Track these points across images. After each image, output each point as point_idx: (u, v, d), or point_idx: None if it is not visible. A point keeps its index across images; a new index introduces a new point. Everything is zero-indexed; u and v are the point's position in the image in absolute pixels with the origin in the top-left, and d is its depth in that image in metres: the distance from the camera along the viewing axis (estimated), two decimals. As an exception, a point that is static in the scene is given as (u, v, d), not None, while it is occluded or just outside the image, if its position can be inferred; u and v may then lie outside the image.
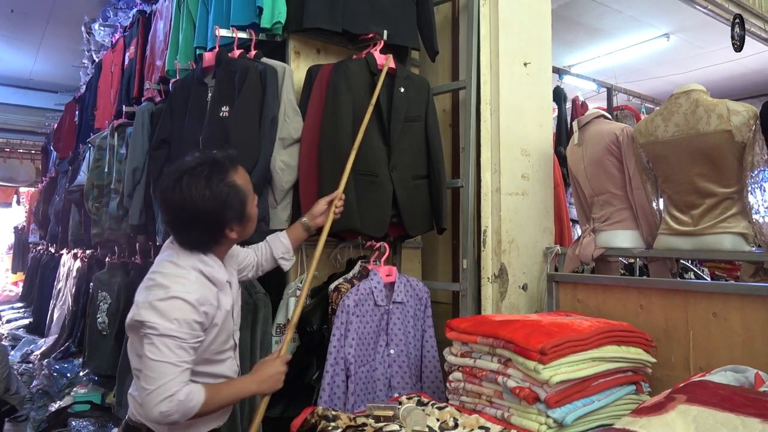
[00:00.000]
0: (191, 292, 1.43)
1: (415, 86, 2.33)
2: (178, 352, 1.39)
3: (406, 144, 2.26)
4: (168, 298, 1.40)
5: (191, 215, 1.46)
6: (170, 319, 1.38)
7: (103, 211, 3.39)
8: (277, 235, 1.91)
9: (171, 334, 1.38)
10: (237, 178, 1.52)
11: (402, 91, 2.24)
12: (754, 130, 1.86)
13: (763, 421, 1.21)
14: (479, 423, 1.61)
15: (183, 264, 1.48)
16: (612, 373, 1.69)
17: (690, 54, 6.36)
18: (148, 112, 2.86)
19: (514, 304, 2.34)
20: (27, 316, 6.65)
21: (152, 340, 1.37)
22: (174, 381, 1.37)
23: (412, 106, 2.28)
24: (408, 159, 2.26)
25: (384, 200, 2.17)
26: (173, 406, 1.36)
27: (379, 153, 2.18)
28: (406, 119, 2.25)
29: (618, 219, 2.27)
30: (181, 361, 1.39)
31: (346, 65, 2.17)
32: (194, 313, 1.42)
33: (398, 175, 2.21)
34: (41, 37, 6.35)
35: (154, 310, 1.39)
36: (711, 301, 1.84)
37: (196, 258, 1.50)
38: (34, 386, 4.35)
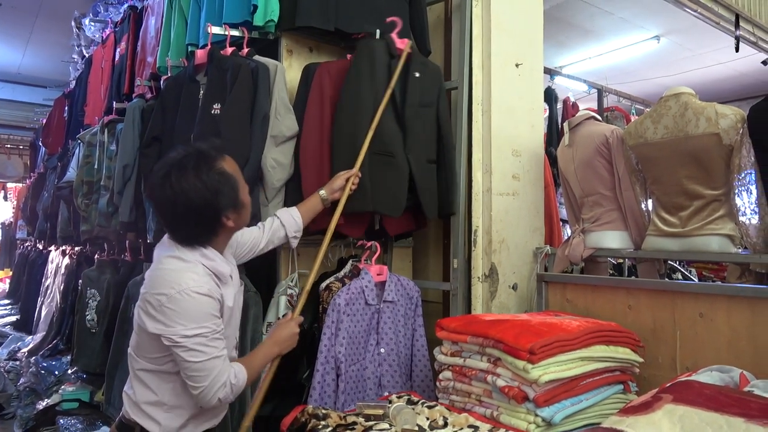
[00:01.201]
0: (203, 284, 1.42)
1: (429, 72, 2.33)
2: (214, 344, 1.43)
3: (420, 128, 2.26)
4: (182, 297, 1.38)
5: (185, 208, 1.44)
6: (191, 317, 1.39)
7: (93, 208, 3.36)
8: (288, 212, 1.91)
9: (199, 333, 1.40)
10: (226, 166, 1.50)
11: (417, 76, 2.25)
12: (741, 133, 1.89)
13: (747, 420, 1.23)
14: (468, 422, 1.62)
15: (187, 258, 1.46)
16: (600, 372, 1.71)
17: (680, 56, 6.42)
18: (138, 108, 2.84)
19: (504, 304, 2.36)
20: (14, 313, 6.59)
21: (186, 345, 1.39)
22: (221, 371, 1.44)
23: (425, 92, 2.29)
24: (422, 142, 2.27)
25: (401, 180, 2.18)
26: (228, 390, 1.46)
27: (395, 134, 2.19)
28: (420, 104, 2.26)
29: (607, 220, 2.29)
30: (219, 351, 1.44)
31: (371, 46, 2.19)
32: (212, 303, 1.44)
33: (414, 156, 2.22)
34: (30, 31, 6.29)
35: (169, 313, 1.38)
36: (698, 301, 1.87)
37: (198, 253, 1.49)
38: (21, 384, 4.31)
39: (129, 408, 1.52)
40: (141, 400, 1.50)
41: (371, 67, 2.15)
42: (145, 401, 1.49)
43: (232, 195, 1.49)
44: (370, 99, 2.13)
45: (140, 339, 1.49)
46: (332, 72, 2.20)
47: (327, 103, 2.16)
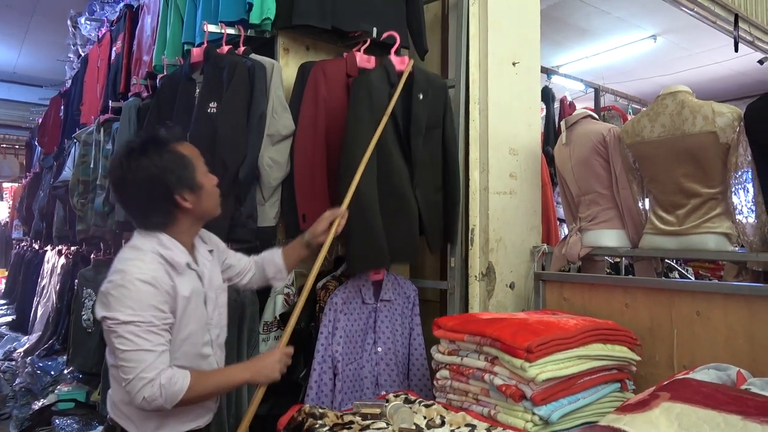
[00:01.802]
0: (146, 272, 1.37)
1: (434, 90, 2.20)
2: (148, 336, 1.34)
3: (427, 157, 2.16)
4: (124, 284, 1.35)
5: (137, 188, 1.43)
6: (128, 305, 1.33)
7: (89, 207, 3.35)
8: (272, 254, 1.84)
9: (133, 320, 1.33)
10: (181, 148, 1.49)
11: (421, 98, 2.10)
12: (738, 132, 1.89)
13: (744, 418, 1.23)
14: (466, 420, 1.62)
15: (141, 246, 1.44)
16: (597, 371, 1.71)
17: (676, 55, 6.44)
18: (135, 107, 2.83)
19: (501, 303, 2.36)
20: (10, 313, 6.57)
21: (117, 331, 1.33)
22: (152, 365, 1.33)
23: (431, 113, 2.15)
24: (429, 173, 2.17)
25: (413, 224, 2.10)
26: (155, 390, 1.33)
27: (403, 171, 2.07)
28: (427, 127, 2.12)
29: (604, 218, 2.29)
30: (154, 345, 1.35)
31: (369, 79, 2.06)
32: (156, 293, 1.37)
33: (421, 192, 2.13)
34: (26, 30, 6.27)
35: (111, 300, 1.34)
36: (695, 300, 1.87)
37: (155, 241, 1.45)
38: (17, 384, 4.30)
39: (110, 408, 1.50)
40: (117, 399, 1.47)
41: (369, 102, 2.03)
42: (120, 399, 1.45)
43: (185, 174, 1.46)
44: (369, 137, 1.98)
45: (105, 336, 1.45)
46: (327, 71, 2.19)
47: (321, 103, 2.15)
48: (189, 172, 1.47)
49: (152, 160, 1.42)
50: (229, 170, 2.04)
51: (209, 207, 1.55)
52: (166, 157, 1.44)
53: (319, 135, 2.15)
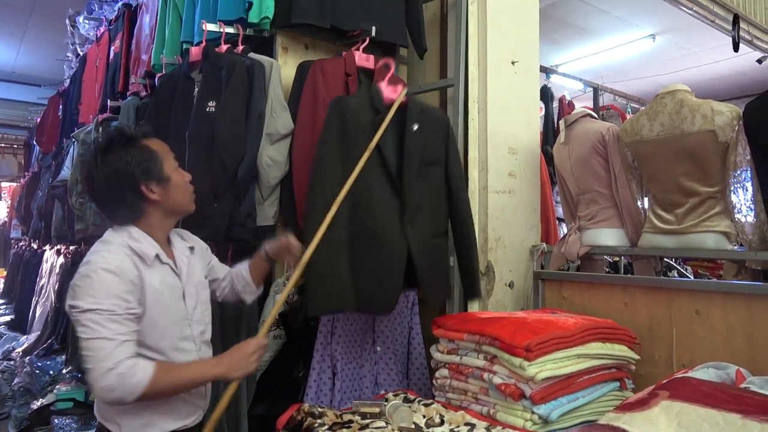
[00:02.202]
0: (110, 261, 1.36)
1: (432, 122, 1.96)
2: (109, 324, 1.31)
3: (425, 194, 1.89)
4: (88, 273, 1.34)
5: (105, 182, 1.44)
6: (90, 293, 1.32)
7: (87, 207, 3.35)
8: (239, 268, 1.81)
9: (94, 308, 1.31)
10: (148, 143, 1.50)
11: (415, 130, 1.87)
12: (737, 131, 1.89)
13: (744, 416, 1.23)
14: (465, 419, 1.62)
15: (110, 239, 1.44)
16: (596, 369, 1.71)
17: (675, 55, 6.44)
18: (133, 106, 2.83)
19: (500, 302, 2.36)
20: (8, 312, 6.56)
21: (79, 319, 1.31)
22: (112, 354, 1.29)
23: (428, 148, 1.91)
24: (426, 214, 1.90)
25: (394, 266, 1.83)
26: (113, 380, 1.28)
27: (389, 208, 1.83)
28: (423, 162, 1.89)
29: (603, 217, 2.29)
30: (115, 334, 1.31)
31: (345, 103, 1.85)
32: (120, 282, 1.35)
33: (416, 230, 1.85)
34: (24, 29, 6.26)
35: (76, 290, 1.34)
36: (694, 298, 1.87)
37: (126, 234, 1.46)
38: (15, 384, 4.29)
39: (96, 411, 1.49)
40: (98, 399, 1.45)
41: (341, 132, 1.82)
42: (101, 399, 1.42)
43: (151, 167, 1.47)
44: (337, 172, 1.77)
45: None
46: (326, 70, 2.19)
47: (320, 102, 2.15)
48: (156, 165, 1.48)
49: (119, 154, 1.44)
50: (228, 169, 2.04)
51: (179, 201, 1.54)
52: (132, 151, 1.45)
53: (318, 134, 2.14)
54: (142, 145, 1.48)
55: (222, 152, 2.03)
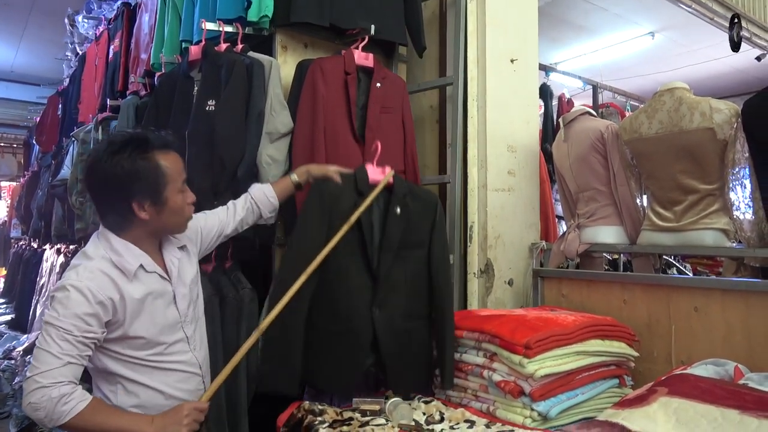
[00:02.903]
0: (82, 280, 1.33)
1: (418, 205, 1.90)
2: (61, 343, 1.29)
3: (402, 277, 1.84)
4: (63, 286, 1.34)
5: (102, 182, 1.39)
6: (56, 308, 1.31)
7: (87, 206, 3.35)
8: (262, 189, 1.80)
9: (53, 323, 1.30)
10: (161, 159, 1.41)
11: (398, 212, 1.83)
12: (735, 128, 1.89)
13: (742, 412, 1.24)
14: (465, 416, 1.63)
15: (91, 253, 1.41)
16: (595, 366, 1.71)
17: (675, 52, 6.43)
18: (133, 105, 2.83)
19: (499, 299, 2.36)
20: (9, 312, 6.56)
21: (42, 327, 1.32)
22: (50, 372, 1.27)
23: (412, 230, 1.86)
24: (400, 295, 1.83)
25: (357, 351, 1.77)
26: (42, 401, 1.25)
27: (361, 290, 1.78)
28: (402, 246, 1.84)
29: (602, 215, 2.30)
30: (63, 353, 1.29)
31: (326, 186, 1.81)
32: (84, 304, 1.32)
33: (383, 315, 1.78)
34: (23, 28, 6.25)
35: (50, 299, 1.35)
36: (693, 296, 1.87)
37: (108, 246, 1.41)
38: (16, 383, 4.30)
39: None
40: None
41: (320, 216, 1.78)
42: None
43: (151, 187, 1.39)
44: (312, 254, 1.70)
45: None
46: (325, 68, 2.19)
47: (320, 100, 2.15)
48: (157, 184, 1.40)
49: (125, 160, 1.37)
50: (228, 168, 2.04)
51: (171, 224, 1.48)
52: (140, 163, 1.38)
53: (318, 132, 2.15)
54: (153, 159, 1.40)
55: (221, 151, 2.03)
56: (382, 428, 1.53)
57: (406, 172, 2.35)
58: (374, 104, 2.24)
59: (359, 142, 2.24)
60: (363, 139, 2.24)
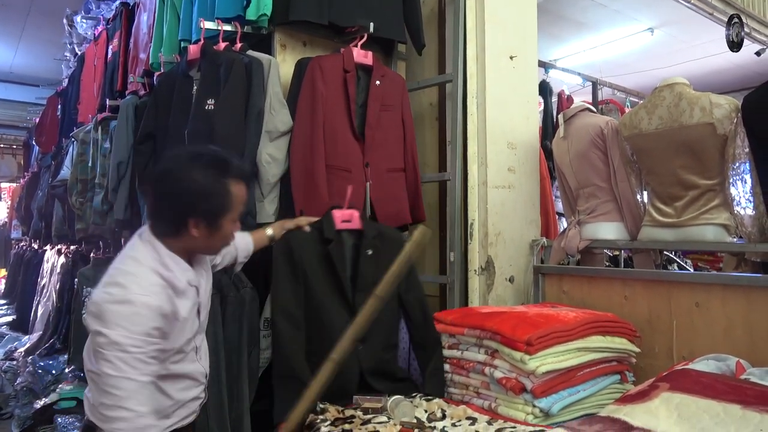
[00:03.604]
0: (148, 293, 1.32)
1: (388, 244, 1.99)
2: (136, 364, 1.27)
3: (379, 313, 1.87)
4: (123, 300, 1.29)
5: (170, 189, 1.39)
6: (123, 325, 1.27)
7: (88, 206, 3.35)
8: (245, 240, 1.82)
9: (123, 342, 1.26)
10: (233, 187, 1.43)
11: (369, 254, 1.94)
12: (735, 123, 1.89)
13: (744, 407, 1.24)
14: (466, 414, 1.63)
15: (142, 260, 1.39)
16: (597, 363, 1.71)
17: (674, 48, 6.42)
18: (132, 105, 2.82)
19: (500, 296, 2.36)
20: (10, 313, 6.56)
21: (104, 352, 1.25)
22: (133, 396, 1.27)
23: (382, 269, 1.89)
24: (380, 329, 1.91)
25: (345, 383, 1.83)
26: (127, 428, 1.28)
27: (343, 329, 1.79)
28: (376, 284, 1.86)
29: (603, 211, 2.30)
30: (141, 375, 1.28)
31: (295, 234, 1.90)
32: (153, 318, 1.31)
33: (366, 350, 1.88)
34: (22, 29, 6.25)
35: (107, 314, 1.27)
36: (694, 291, 1.87)
37: (156, 257, 1.40)
38: (18, 383, 4.30)
39: (88, 410, 1.44)
40: (97, 403, 1.38)
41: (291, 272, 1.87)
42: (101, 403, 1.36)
43: (213, 210, 1.40)
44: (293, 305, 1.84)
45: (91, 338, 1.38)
46: (324, 66, 2.19)
47: (319, 98, 2.15)
48: (220, 209, 1.42)
49: (202, 177, 1.38)
50: (228, 167, 2.04)
51: (211, 247, 1.51)
52: (214, 185, 1.39)
53: (317, 131, 2.15)
54: (226, 185, 1.40)
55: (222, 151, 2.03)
56: (384, 426, 1.54)
57: (406, 170, 2.36)
58: (374, 102, 2.25)
59: (359, 140, 2.25)
60: (363, 137, 2.24)
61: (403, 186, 2.37)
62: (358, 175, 2.22)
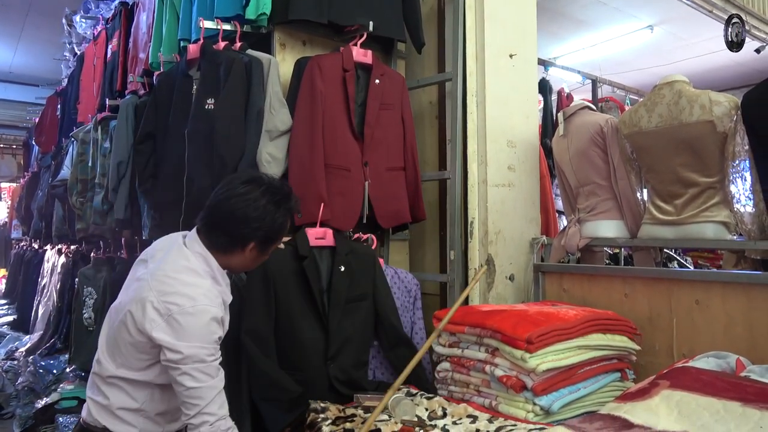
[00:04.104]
0: (216, 306, 1.40)
1: (358, 261, 2.07)
2: (214, 372, 1.37)
3: (351, 329, 1.99)
4: (196, 313, 1.35)
5: (241, 213, 1.43)
6: (198, 336, 1.34)
7: (88, 206, 3.35)
8: None
9: (198, 353, 1.34)
10: (288, 221, 1.53)
11: (342, 270, 2.00)
12: (735, 121, 1.89)
13: (744, 404, 1.24)
14: (467, 412, 1.63)
15: (202, 272, 1.44)
16: (597, 360, 1.72)
17: (674, 45, 6.42)
18: (132, 105, 2.82)
19: (501, 295, 2.36)
20: (11, 312, 6.56)
21: (182, 368, 1.33)
22: (214, 402, 1.36)
23: (355, 285, 2.03)
24: (352, 346, 1.98)
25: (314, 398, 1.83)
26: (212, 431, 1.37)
27: (315, 345, 1.92)
28: (349, 300, 2.00)
29: (603, 209, 2.30)
30: (220, 381, 1.38)
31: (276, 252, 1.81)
32: (219, 328, 1.40)
33: (337, 367, 1.92)
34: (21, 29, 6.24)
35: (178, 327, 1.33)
36: (694, 289, 1.87)
37: (209, 270, 1.46)
38: (19, 383, 4.30)
39: (97, 412, 1.46)
40: (116, 405, 1.45)
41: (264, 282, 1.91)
42: (122, 407, 1.45)
43: (270, 239, 1.50)
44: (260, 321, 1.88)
45: (122, 345, 1.42)
46: (323, 65, 2.19)
47: (318, 97, 2.15)
48: (276, 237, 1.51)
49: (274, 210, 1.46)
50: (228, 166, 2.04)
51: (250, 267, 1.58)
52: (280, 220, 1.48)
53: (316, 130, 2.15)
54: (286, 220, 1.50)
55: (221, 149, 2.03)
56: (385, 424, 1.54)
57: (405, 169, 2.36)
58: (373, 101, 2.26)
59: (358, 139, 2.25)
60: (362, 136, 2.24)
61: (403, 185, 2.37)
62: (357, 174, 2.23)
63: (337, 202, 2.16)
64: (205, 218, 1.49)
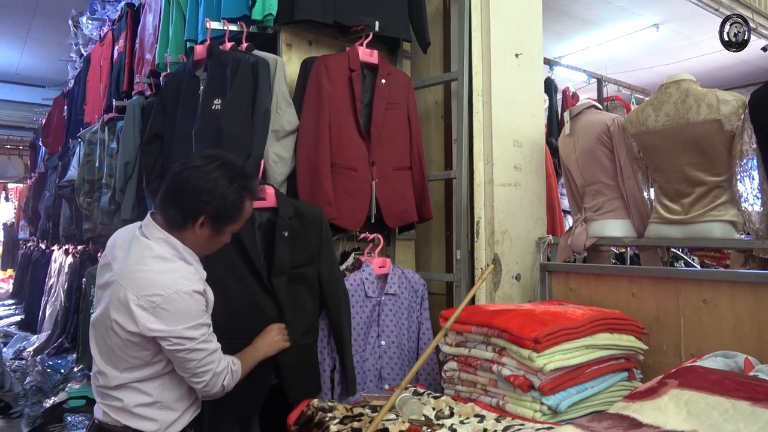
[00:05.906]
0: (195, 282, 1.44)
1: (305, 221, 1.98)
2: (210, 338, 1.48)
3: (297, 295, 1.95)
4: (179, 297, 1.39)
5: (194, 184, 1.44)
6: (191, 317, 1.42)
7: (95, 206, 3.37)
8: None
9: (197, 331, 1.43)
10: (247, 204, 1.53)
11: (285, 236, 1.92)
12: (742, 119, 1.88)
13: (753, 404, 1.24)
14: (474, 411, 1.63)
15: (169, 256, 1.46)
16: (604, 360, 1.71)
17: (679, 44, 6.39)
18: (138, 106, 2.84)
19: (507, 294, 2.36)
20: (18, 312, 6.61)
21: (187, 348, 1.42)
22: (220, 363, 1.50)
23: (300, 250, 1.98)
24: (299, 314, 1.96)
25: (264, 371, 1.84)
26: (230, 378, 1.54)
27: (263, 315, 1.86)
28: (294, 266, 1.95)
29: (609, 208, 2.29)
30: (215, 345, 1.50)
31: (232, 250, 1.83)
32: (202, 301, 1.46)
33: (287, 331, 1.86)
34: (27, 30, 6.27)
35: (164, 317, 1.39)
36: (701, 288, 1.87)
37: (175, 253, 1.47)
38: (27, 383, 4.33)
39: (114, 413, 1.48)
40: (132, 404, 1.47)
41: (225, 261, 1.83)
42: (138, 404, 1.47)
43: (223, 217, 1.48)
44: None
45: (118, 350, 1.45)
46: (330, 65, 2.19)
47: (324, 97, 2.16)
48: (228, 219, 1.50)
49: (226, 184, 1.46)
50: (235, 167, 2.04)
51: (204, 249, 1.56)
52: (234, 195, 1.47)
53: (323, 130, 2.15)
54: (244, 200, 1.50)
55: (228, 149, 2.03)
56: (393, 423, 1.54)
57: (412, 168, 2.37)
58: (379, 101, 2.26)
59: (365, 139, 2.25)
60: (369, 136, 2.25)
61: (410, 184, 2.38)
62: (364, 174, 2.23)
63: (344, 202, 2.17)
64: (162, 191, 1.50)
